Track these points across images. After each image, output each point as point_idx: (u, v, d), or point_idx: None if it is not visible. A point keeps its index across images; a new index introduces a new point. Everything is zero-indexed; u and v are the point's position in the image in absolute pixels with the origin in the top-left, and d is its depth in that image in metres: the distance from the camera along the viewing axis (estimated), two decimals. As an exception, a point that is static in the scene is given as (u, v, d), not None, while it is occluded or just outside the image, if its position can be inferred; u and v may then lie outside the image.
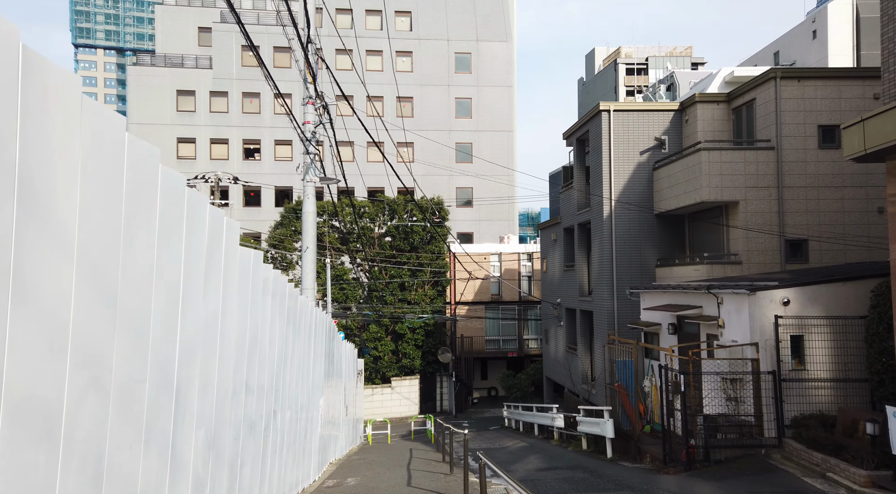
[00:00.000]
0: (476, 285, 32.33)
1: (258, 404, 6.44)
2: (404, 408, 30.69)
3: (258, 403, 6.45)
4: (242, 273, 5.48)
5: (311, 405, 10.63)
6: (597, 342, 19.62)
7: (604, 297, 18.92)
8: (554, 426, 18.45)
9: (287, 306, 7.67)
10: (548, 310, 25.07)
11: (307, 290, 11.93)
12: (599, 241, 19.31)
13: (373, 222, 31.50)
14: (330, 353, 13.09)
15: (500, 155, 44.29)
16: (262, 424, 6.64)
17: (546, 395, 25.94)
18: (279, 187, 41.79)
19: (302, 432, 9.67)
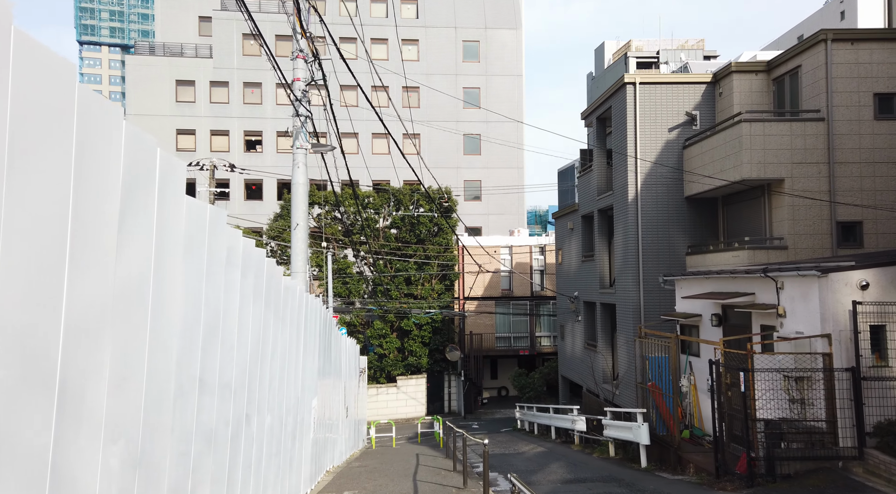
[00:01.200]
0: (486, 280, 30.58)
1: (222, 406, 4.70)
2: (411, 409, 28.96)
3: (221, 405, 4.70)
4: (192, 232, 3.76)
5: (302, 408, 8.86)
6: (620, 337, 17.83)
7: (628, 288, 17.13)
8: (575, 429, 16.68)
9: (266, 287, 5.93)
10: (564, 304, 23.29)
11: (297, 273, 10.22)
12: (623, 227, 17.53)
13: (377, 213, 29.80)
14: (326, 348, 11.37)
15: (509, 146, 42.56)
16: (227, 432, 4.89)
17: (562, 395, 24.15)
18: (282, 179, 40.16)
19: (289, 439, 7.88)
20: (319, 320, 10.03)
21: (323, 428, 11.58)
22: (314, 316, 9.37)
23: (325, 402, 11.55)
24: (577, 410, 16.98)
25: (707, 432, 12.28)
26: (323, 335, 10.68)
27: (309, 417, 9.56)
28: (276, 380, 6.93)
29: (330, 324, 12.14)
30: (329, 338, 11.92)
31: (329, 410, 12.44)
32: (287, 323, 7.35)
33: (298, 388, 8.39)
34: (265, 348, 6.21)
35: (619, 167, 17.79)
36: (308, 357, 9.06)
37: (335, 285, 28.20)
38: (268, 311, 6.20)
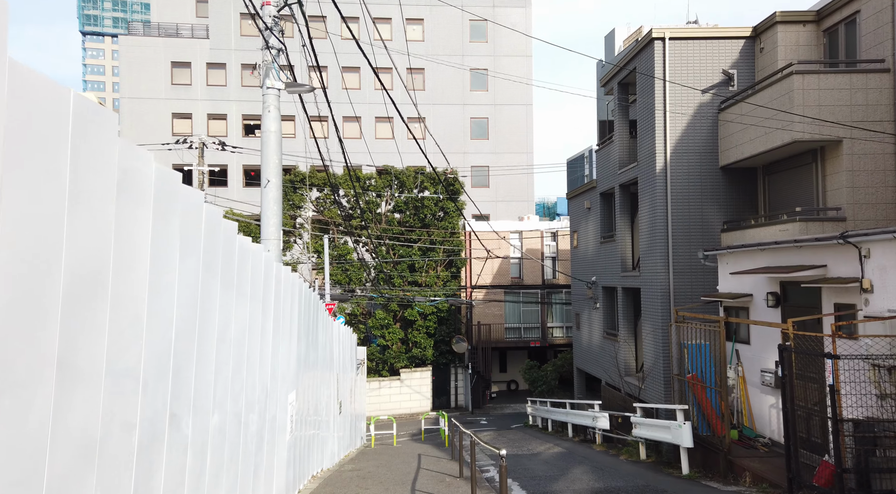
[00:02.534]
0: (494, 267, 28.66)
1: (114, 402, 2.78)
2: (415, 403, 27.13)
3: (114, 401, 2.78)
4: (46, 134, 1.78)
5: (273, 403, 6.94)
6: (645, 325, 15.90)
7: (656, 270, 15.18)
8: (596, 427, 14.78)
9: (205, 242, 4.03)
10: (580, 291, 21.35)
11: (269, 240, 8.35)
12: (650, 202, 15.56)
13: (379, 196, 27.92)
14: (311, 333, 9.51)
15: (518, 130, 40.59)
16: (131, 439, 3.00)
17: (577, 389, 22.24)
18: (285, 165, 38.38)
19: (252, 442, 5.96)
20: (299, 298, 8.16)
21: (306, 426, 9.70)
22: (291, 293, 7.51)
23: (309, 396, 9.69)
24: (598, 405, 15.07)
25: (760, 433, 10.35)
26: (305, 317, 8.82)
27: (284, 414, 7.68)
28: (230, 368, 5.05)
29: (317, 306, 10.28)
30: (316, 322, 10.08)
31: (315, 405, 10.58)
32: (247, 297, 5.44)
33: (267, 379, 6.50)
34: (207, 325, 4.34)
35: (645, 135, 15.81)
36: (282, 342, 7.18)
37: (335, 272, 26.37)
38: (210, 275, 4.31)
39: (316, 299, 10.44)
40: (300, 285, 8.16)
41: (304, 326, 8.85)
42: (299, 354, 8.44)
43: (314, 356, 10.06)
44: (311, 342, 9.58)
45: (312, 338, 9.82)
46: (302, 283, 8.29)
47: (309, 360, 9.43)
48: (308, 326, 9.27)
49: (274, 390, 6.84)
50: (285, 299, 7.18)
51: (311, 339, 9.58)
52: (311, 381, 9.82)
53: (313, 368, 10.09)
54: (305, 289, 8.77)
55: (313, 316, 9.92)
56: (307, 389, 9.48)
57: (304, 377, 9.13)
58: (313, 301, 9.91)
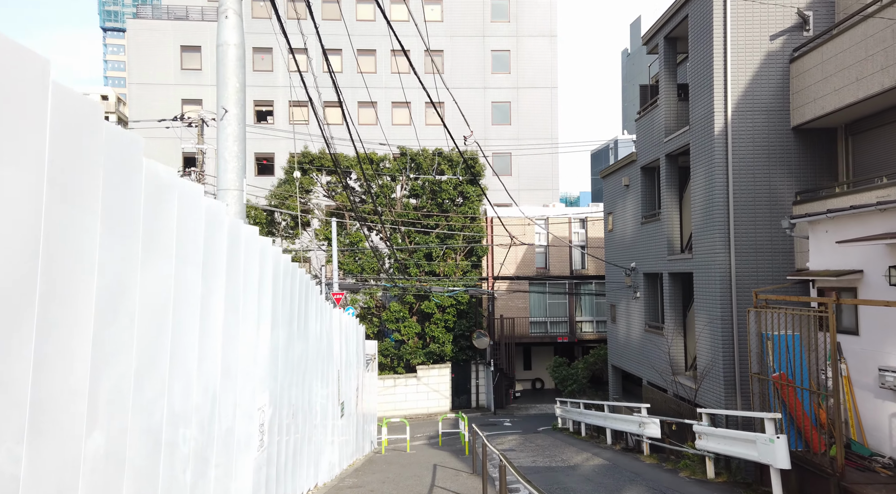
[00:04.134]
0: (518, 257, 26.33)
1: None
2: (433, 403, 24.94)
3: None
4: None
5: (226, 411, 4.64)
6: (699, 315, 13.48)
7: (715, 249, 12.76)
8: (643, 435, 12.42)
9: (52, 139, 1.58)
10: (616, 279, 18.94)
11: (226, 191, 6.17)
12: (705, 172, 13.14)
13: (394, 180, 25.76)
14: (297, 319, 7.38)
15: (542, 116, 38.14)
16: None
17: (612, 389, 19.84)
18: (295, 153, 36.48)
19: (188, 469, 3.64)
20: (278, 274, 5.99)
21: (291, 436, 7.49)
22: (262, 265, 5.31)
23: (295, 398, 7.51)
24: (645, 409, 12.70)
25: (877, 450, 7.94)
26: (289, 299, 6.64)
27: (250, 424, 5.44)
28: (131, 359, 2.79)
29: (307, 288, 8.09)
30: (306, 307, 7.89)
31: (306, 409, 8.41)
32: (171, 257, 3.17)
33: (213, 377, 4.26)
34: (65, 279, 2.05)
35: (699, 94, 13.38)
36: (244, 328, 4.94)
37: (346, 262, 24.27)
38: (76, 210, 2.00)
39: (306, 279, 8.26)
40: (278, 256, 5.98)
41: (287, 310, 6.69)
42: (276, 345, 6.27)
43: (302, 348, 7.90)
44: (298, 330, 7.44)
45: (300, 326, 7.67)
46: (281, 255, 6.12)
47: (294, 353, 7.27)
48: (293, 310, 7.12)
49: (228, 392, 4.64)
50: (251, 271, 4.99)
51: (298, 327, 7.43)
52: (297, 379, 7.65)
53: (302, 363, 7.93)
54: (287, 264, 6.59)
55: (301, 299, 7.75)
56: (291, 389, 7.31)
57: (287, 375, 6.97)
58: (301, 281, 7.72)
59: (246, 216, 7.11)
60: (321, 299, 9.96)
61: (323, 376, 10.05)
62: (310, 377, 8.74)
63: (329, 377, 10.79)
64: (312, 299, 9.01)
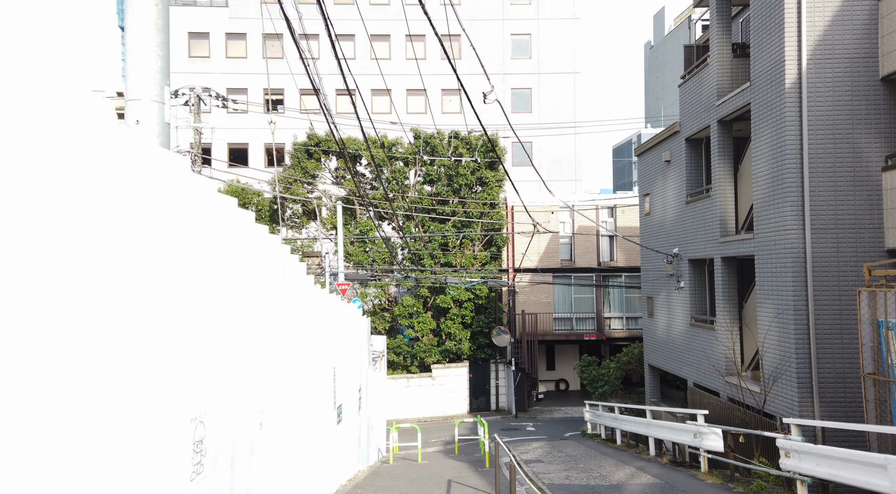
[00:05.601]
0: (541, 248, 24.18)
1: None
2: (448, 405, 22.88)
3: None
4: None
5: (106, 450, 2.24)
6: (764, 305, 11.25)
7: (785, 225, 10.53)
8: (701, 447, 10.22)
9: None
10: (653, 267, 16.72)
11: (140, 101, 4.18)
12: (773, 133, 10.92)
13: (406, 165, 23.78)
14: (266, 304, 5.30)
15: (564, 103, 35.93)
16: None
17: (649, 391, 17.60)
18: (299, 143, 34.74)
19: None
20: (223, 233, 3.93)
21: (253, 457, 5.42)
22: (186, 206, 3.18)
23: (265, 405, 5.51)
24: (702, 416, 10.49)
25: None
26: (246, 273, 4.60)
27: (179, 443, 3.29)
28: None
29: (282, 262, 6.13)
30: (280, 287, 5.94)
31: (284, 418, 6.44)
32: None
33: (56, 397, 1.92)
34: None
35: (764, 41, 11.16)
36: (140, 311, 2.74)
37: (356, 253, 22.32)
38: None
39: (281, 249, 6.28)
40: (220, 202, 3.98)
41: (245, 289, 4.71)
42: (225, 340, 4.27)
43: (274, 342, 5.92)
44: (266, 320, 5.47)
45: (270, 314, 5.70)
46: (231, 205, 4.13)
47: (255, 350, 5.24)
48: (257, 292, 5.15)
49: (105, 419, 2.53)
50: (158, 219, 2.94)
51: (266, 315, 5.47)
52: (266, 377, 5.66)
53: (272, 362, 5.93)
54: (244, 220, 4.62)
55: (272, 276, 5.78)
56: (256, 391, 5.30)
57: (247, 372, 4.94)
58: (270, 249, 5.75)
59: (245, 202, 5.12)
60: (304, 279, 7.94)
61: (312, 373, 8.06)
62: (289, 374, 6.76)
63: (322, 378, 8.80)
64: (291, 277, 7.00)
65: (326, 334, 9.17)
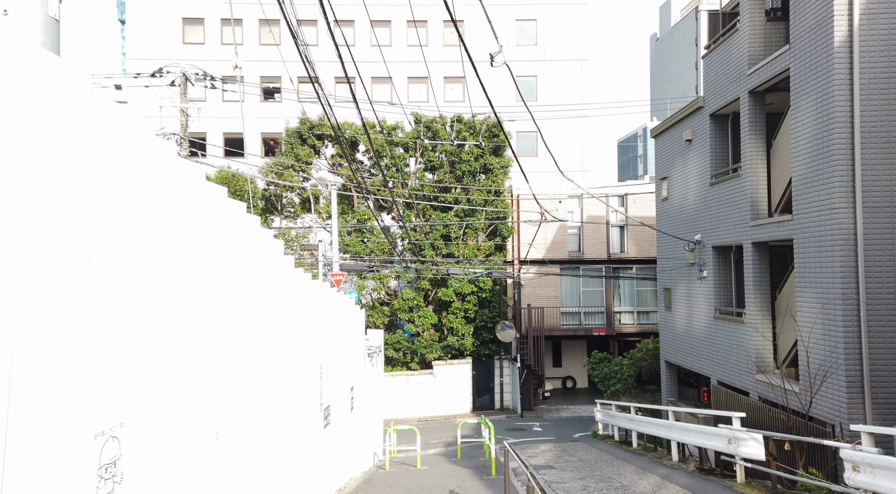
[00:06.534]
0: (548, 238, 22.90)
1: None
2: (450, 404, 21.64)
3: None
4: None
5: None
6: (805, 294, 9.96)
7: (832, 203, 9.24)
8: (737, 454, 8.95)
9: None
10: (672, 256, 15.43)
11: None
12: (817, 99, 9.62)
13: (407, 151, 22.52)
14: (249, 290, 3.93)
15: (570, 92, 34.62)
16: None
17: (666, 389, 16.33)
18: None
19: None
20: (158, 180, 2.46)
21: (206, 478, 4.00)
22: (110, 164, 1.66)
23: (222, 407, 4.15)
24: (738, 419, 9.21)
25: None
26: (189, 245, 3.13)
27: (82, 468, 1.72)
28: None
29: (250, 235, 4.83)
30: (247, 264, 4.60)
31: (249, 425, 5.14)
32: None
33: None
34: None
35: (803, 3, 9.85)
36: None
37: (354, 243, 21.07)
38: None
39: (248, 222, 5.06)
40: (153, 150, 2.68)
41: (198, 271, 3.45)
42: (158, 328, 2.89)
43: (238, 333, 4.68)
44: (227, 306, 4.24)
45: (233, 300, 4.45)
46: (166, 155, 2.83)
47: (210, 341, 3.94)
48: (216, 274, 3.96)
49: None
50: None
51: (228, 301, 4.24)
52: (222, 383, 4.38)
53: (236, 357, 4.68)
54: (190, 178, 3.39)
55: (237, 255, 4.56)
56: (208, 399, 3.98)
57: (195, 379, 3.61)
58: (233, 220, 4.54)
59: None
60: (288, 263, 6.71)
61: (292, 370, 6.84)
62: (261, 372, 5.55)
63: (304, 373, 7.56)
64: (268, 257, 5.79)
65: (312, 325, 7.92)
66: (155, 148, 3.19)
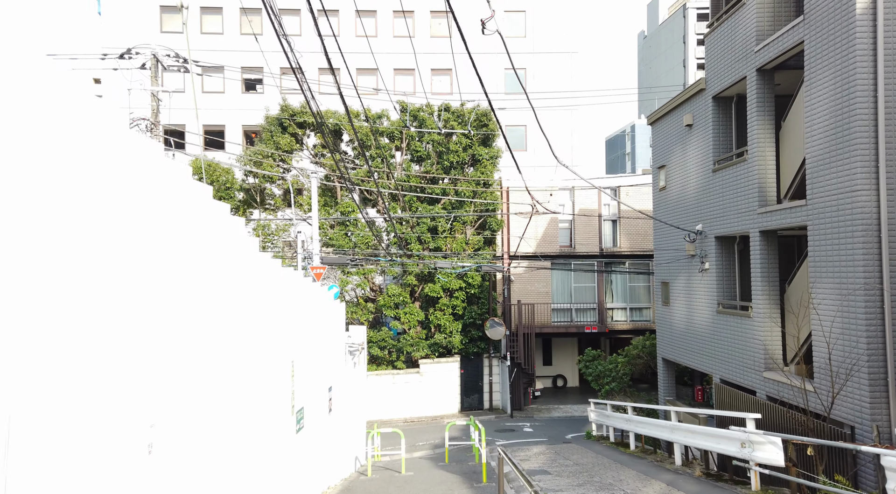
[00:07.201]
0: (538, 232, 22.09)
1: None
2: (438, 403, 20.75)
3: None
4: None
5: None
6: (821, 284, 9.18)
7: (853, 185, 8.46)
8: (751, 459, 8.14)
9: None
10: (670, 248, 14.65)
11: None
12: (836, 73, 8.84)
13: (392, 139, 21.59)
14: (199, 275, 2.88)
15: (560, 84, 33.88)
16: None
17: (663, 388, 15.56)
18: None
19: None
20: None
21: None
22: None
23: (184, 418, 3.02)
24: (754, 421, 8.41)
25: None
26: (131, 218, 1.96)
27: None
28: None
29: (199, 206, 3.77)
30: (196, 246, 3.49)
31: (199, 433, 4.02)
32: None
33: None
34: None
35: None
36: None
37: (336, 236, 20.11)
38: None
39: (198, 192, 4.12)
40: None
41: (124, 249, 2.47)
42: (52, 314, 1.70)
43: (182, 323, 3.63)
44: (169, 292, 3.25)
45: (176, 285, 3.45)
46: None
47: (139, 330, 2.84)
48: (151, 255, 2.96)
49: None
50: None
51: (169, 285, 3.23)
52: (157, 384, 3.33)
53: (179, 352, 3.63)
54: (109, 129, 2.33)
55: (182, 235, 3.61)
56: (135, 404, 2.88)
57: (113, 378, 2.50)
58: (176, 191, 3.52)
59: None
60: (251, 246, 5.78)
61: (255, 369, 5.91)
62: (215, 371, 4.62)
63: (272, 372, 6.63)
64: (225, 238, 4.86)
65: (282, 318, 6.98)
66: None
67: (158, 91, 15.69)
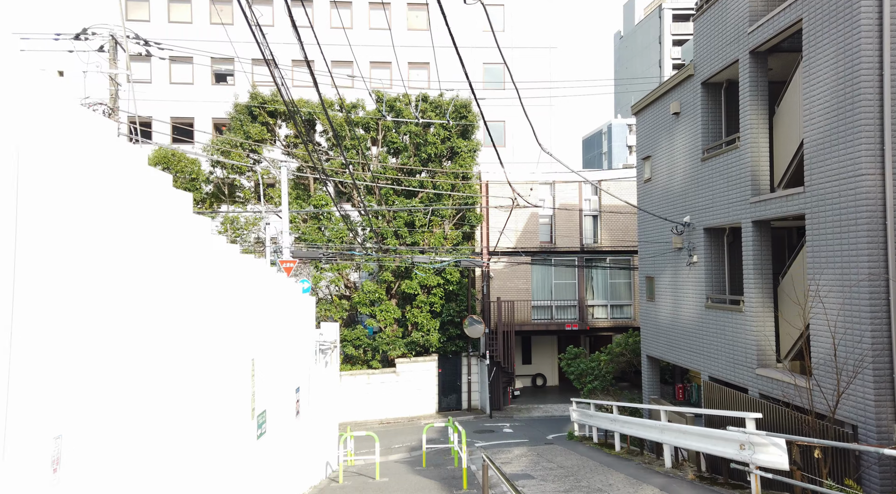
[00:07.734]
0: (518, 228, 21.47)
1: None
2: (415, 404, 19.99)
3: None
4: None
5: None
6: (822, 275, 8.67)
7: (857, 169, 7.94)
8: (752, 463, 7.54)
9: None
10: (657, 239, 14.11)
11: None
12: (838, 53, 8.31)
13: (367, 130, 20.78)
14: (128, 255, 1.80)
15: (539, 80, 33.37)
16: None
17: (647, 386, 15.02)
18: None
19: None
20: None
21: None
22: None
23: (103, 426, 2.01)
24: (754, 421, 7.83)
25: None
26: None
27: None
28: None
29: (126, 171, 2.77)
30: (119, 216, 2.43)
31: (120, 452, 3.02)
32: None
33: None
34: None
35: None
36: None
37: (309, 231, 19.22)
38: None
39: (129, 154, 3.16)
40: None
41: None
42: None
43: (102, 312, 2.65)
44: (84, 271, 2.35)
45: (92, 262, 2.54)
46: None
47: (30, 322, 1.81)
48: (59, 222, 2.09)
49: None
50: None
51: (83, 262, 2.34)
52: (61, 387, 2.35)
53: (93, 348, 2.65)
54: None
55: (95, 199, 2.61)
56: (37, 412, 1.84)
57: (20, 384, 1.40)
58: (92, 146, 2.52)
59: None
60: (199, 224, 4.96)
61: (202, 367, 5.08)
62: (145, 370, 3.78)
63: (225, 371, 5.79)
64: (164, 210, 4.05)
65: (239, 311, 6.16)
66: None
67: (116, 74, 14.67)
